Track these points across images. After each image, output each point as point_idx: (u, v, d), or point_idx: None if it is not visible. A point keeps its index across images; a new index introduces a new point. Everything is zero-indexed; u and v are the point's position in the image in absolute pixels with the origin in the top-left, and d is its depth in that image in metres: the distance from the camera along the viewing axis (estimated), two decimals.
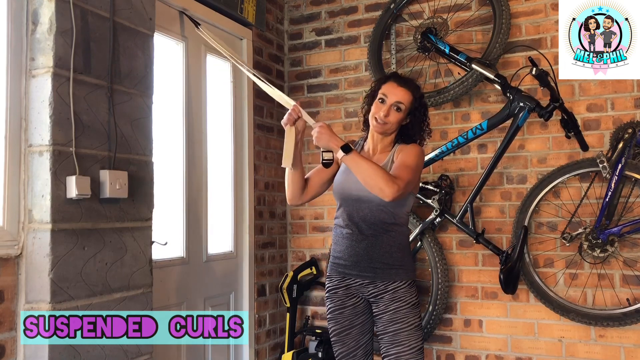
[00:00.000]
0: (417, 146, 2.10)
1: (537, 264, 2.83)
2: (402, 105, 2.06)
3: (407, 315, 2.01)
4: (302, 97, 3.46)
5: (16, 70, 1.80)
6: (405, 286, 2.04)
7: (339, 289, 2.12)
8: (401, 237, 2.09)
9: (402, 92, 2.07)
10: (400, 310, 2.02)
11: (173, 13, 2.64)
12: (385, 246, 2.05)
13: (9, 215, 1.77)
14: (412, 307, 2.03)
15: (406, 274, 2.06)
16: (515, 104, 2.64)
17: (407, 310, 2.02)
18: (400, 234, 2.09)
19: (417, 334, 2.01)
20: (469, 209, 2.79)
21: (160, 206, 2.29)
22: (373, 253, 2.05)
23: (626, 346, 2.66)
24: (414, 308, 2.03)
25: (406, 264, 2.08)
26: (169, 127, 2.59)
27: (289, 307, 3.19)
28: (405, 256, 2.09)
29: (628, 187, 2.65)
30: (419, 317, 2.05)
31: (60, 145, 1.78)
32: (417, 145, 2.11)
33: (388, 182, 1.89)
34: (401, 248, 2.08)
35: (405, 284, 2.05)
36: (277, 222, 3.36)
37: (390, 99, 2.06)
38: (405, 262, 2.08)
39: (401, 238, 2.09)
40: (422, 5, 3.17)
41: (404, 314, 2.01)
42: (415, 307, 2.04)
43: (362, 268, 2.06)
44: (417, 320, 2.03)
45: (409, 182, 1.96)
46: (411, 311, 2.02)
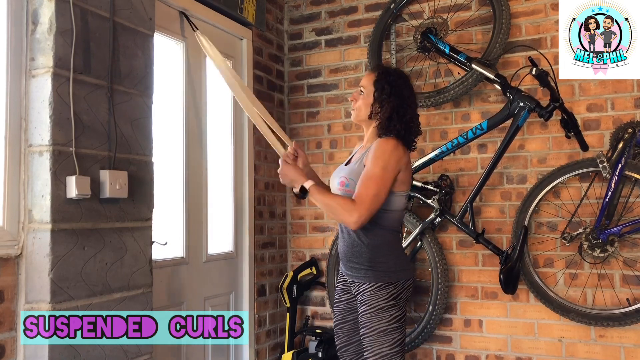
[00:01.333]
0: (382, 142, 1.96)
1: (537, 264, 2.83)
2: (363, 88, 2.06)
3: (370, 320, 1.92)
4: (302, 97, 3.46)
5: (16, 70, 1.80)
6: (372, 289, 1.95)
7: (339, 283, 2.17)
8: (374, 237, 1.98)
9: (366, 76, 2.10)
10: (364, 315, 1.95)
11: (173, 13, 2.64)
12: (356, 246, 2.01)
13: (9, 215, 1.77)
14: (377, 311, 1.92)
15: (375, 277, 1.96)
16: (515, 104, 2.64)
17: (370, 315, 1.93)
18: (374, 234, 1.98)
19: (382, 340, 1.90)
20: (469, 209, 2.79)
21: (160, 206, 2.29)
22: (347, 252, 2.05)
23: (626, 346, 2.66)
24: (381, 312, 1.91)
25: (376, 265, 1.97)
26: (169, 127, 2.59)
27: (289, 307, 3.19)
28: (377, 257, 1.98)
29: (628, 187, 2.65)
30: (390, 322, 1.91)
31: (60, 145, 1.78)
32: (382, 142, 1.96)
33: (346, 213, 1.88)
34: (372, 248, 1.98)
35: (372, 286, 1.95)
36: (277, 222, 3.36)
37: (359, 86, 2.11)
38: (375, 264, 1.97)
39: (374, 238, 1.98)
40: (422, 5, 3.16)
41: (368, 318, 1.93)
42: (383, 310, 1.92)
43: (345, 266, 2.08)
44: (385, 324, 1.91)
45: (374, 197, 1.88)
46: (376, 315, 1.92)
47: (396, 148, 1.95)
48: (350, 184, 1.99)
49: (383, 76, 2.04)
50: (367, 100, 2.05)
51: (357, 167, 2.01)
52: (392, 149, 1.94)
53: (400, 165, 1.95)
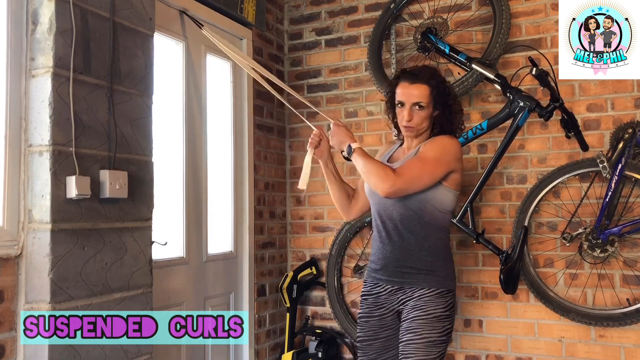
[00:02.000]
0: (445, 137, 1.97)
1: (537, 264, 2.83)
2: (422, 103, 1.96)
3: (422, 327, 1.84)
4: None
5: (16, 70, 1.80)
6: (431, 295, 1.88)
7: (370, 296, 2.04)
8: (433, 240, 1.94)
9: (416, 90, 1.96)
10: (417, 320, 1.86)
11: (173, 13, 2.64)
12: (414, 248, 1.93)
13: (9, 215, 1.77)
14: (432, 319, 1.84)
15: (436, 282, 1.89)
16: (515, 104, 2.63)
17: (424, 322, 1.84)
18: (432, 236, 1.94)
19: (429, 350, 1.81)
20: (469, 209, 2.79)
21: (160, 206, 2.29)
22: (400, 256, 1.95)
23: (626, 346, 2.66)
24: (436, 321, 1.84)
25: (437, 270, 1.91)
26: (169, 127, 2.59)
27: (289, 307, 3.19)
28: (437, 261, 1.93)
29: (628, 187, 2.65)
30: (441, 333, 1.84)
31: (60, 145, 1.78)
32: (446, 137, 1.97)
33: (382, 178, 1.84)
34: (432, 252, 1.93)
35: (432, 292, 1.88)
36: (277, 222, 3.36)
37: (407, 101, 1.97)
38: (436, 268, 1.91)
39: (433, 240, 1.94)
40: (422, 5, 3.16)
41: (420, 324, 1.84)
42: (438, 320, 1.84)
43: (390, 272, 1.97)
44: (436, 335, 1.83)
45: (416, 176, 1.86)
46: (429, 323, 1.84)
47: (458, 146, 1.96)
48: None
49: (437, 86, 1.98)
50: (428, 113, 1.98)
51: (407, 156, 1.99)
52: (454, 144, 1.95)
53: (457, 162, 1.93)
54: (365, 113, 3.29)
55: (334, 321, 3.22)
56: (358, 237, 3.20)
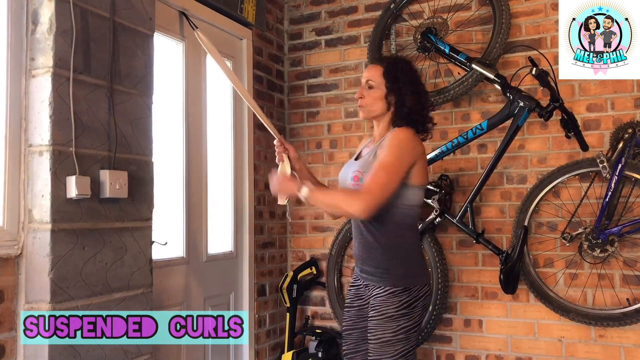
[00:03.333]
0: (399, 131, 1.90)
1: (537, 264, 2.83)
2: (372, 82, 1.97)
3: (376, 327, 1.83)
4: (302, 97, 3.46)
5: (16, 70, 1.80)
6: (384, 295, 1.85)
7: (353, 287, 2.06)
8: (391, 237, 1.89)
9: (370, 70, 2.00)
10: (372, 321, 1.86)
11: (173, 13, 2.64)
12: (372, 245, 1.92)
13: (9, 215, 1.77)
14: (385, 320, 1.82)
15: (389, 281, 1.86)
16: (515, 104, 2.63)
17: (377, 322, 1.83)
18: (389, 234, 1.90)
19: (384, 350, 1.81)
20: (469, 209, 2.79)
21: (160, 206, 2.29)
22: (362, 253, 1.96)
23: (626, 346, 2.66)
24: (388, 321, 1.81)
25: (392, 268, 1.88)
26: (169, 127, 2.59)
27: (289, 307, 3.19)
28: (392, 259, 1.88)
29: (628, 187, 2.64)
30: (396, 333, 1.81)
31: (60, 145, 1.78)
32: (399, 130, 1.90)
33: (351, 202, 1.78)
34: (387, 250, 1.89)
35: (385, 292, 1.85)
36: (277, 222, 3.36)
37: (363, 81, 2.02)
38: (390, 267, 1.88)
39: (391, 238, 1.89)
40: (422, 5, 3.16)
41: (374, 325, 1.84)
42: (391, 320, 1.81)
43: (360, 268, 2.00)
44: (390, 335, 1.81)
45: (384, 185, 1.79)
46: (383, 324, 1.82)
47: (412, 138, 1.89)
48: (364, 177, 1.90)
49: (392, 66, 1.97)
50: (379, 94, 1.96)
51: (371, 160, 1.92)
52: (408, 138, 1.88)
53: (415, 155, 1.87)
54: None
55: (334, 321, 3.23)
56: None
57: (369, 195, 1.78)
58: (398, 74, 1.95)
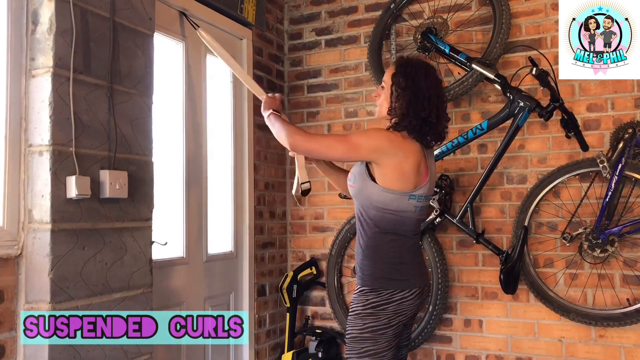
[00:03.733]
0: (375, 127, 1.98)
1: (537, 264, 2.83)
2: (384, 83, 1.99)
3: (348, 324, 1.88)
4: (302, 97, 3.46)
5: (16, 70, 1.80)
6: (357, 292, 1.90)
7: None
8: (369, 239, 1.91)
9: (387, 71, 2.01)
10: (348, 317, 1.91)
11: (173, 13, 2.64)
12: (359, 245, 1.96)
13: (9, 215, 1.77)
14: (354, 316, 1.86)
15: (360, 280, 1.92)
16: (515, 104, 2.63)
17: (350, 318, 1.88)
18: (368, 234, 1.91)
19: (352, 346, 1.85)
20: (469, 209, 2.79)
21: (160, 206, 2.29)
22: (356, 250, 2.00)
23: (626, 346, 2.66)
24: (356, 317, 1.85)
25: (364, 267, 1.91)
26: (169, 127, 2.59)
27: (289, 307, 3.19)
28: (365, 259, 1.91)
29: (628, 187, 2.64)
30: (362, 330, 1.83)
31: (60, 145, 1.78)
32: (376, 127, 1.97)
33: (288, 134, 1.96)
34: (363, 249, 1.92)
35: (357, 290, 1.91)
36: (277, 222, 3.36)
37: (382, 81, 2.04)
38: (363, 266, 1.92)
39: (369, 240, 1.91)
40: (422, 5, 3.16)
41: (347, 321, 1.90)
42: (358, 317, 1.85)
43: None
44: (357, 331, 1.84)
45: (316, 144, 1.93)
46: (352, 320, 1.86)
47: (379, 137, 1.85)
48: (351, 178, 1.97)
49: (401, 68, 1.94)
50: (386, 93, 1.96)
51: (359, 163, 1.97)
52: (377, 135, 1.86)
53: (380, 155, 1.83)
54: (365, 113, 3.29)
55: (334, 321, 3.23)
56: None
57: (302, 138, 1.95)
58: (402, 78, 1.91)
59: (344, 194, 2.42)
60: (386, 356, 1.84)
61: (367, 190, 1.88)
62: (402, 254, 1.91)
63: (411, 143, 1.88)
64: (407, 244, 1.93)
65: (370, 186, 1.88)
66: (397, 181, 1.85)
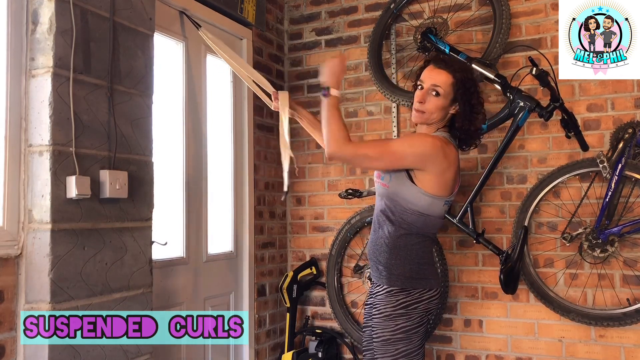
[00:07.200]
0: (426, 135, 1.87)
1: (537, 264, 2.83)
2: (439, 89, 1.87)
3: (377, 326, 1.86)
4: (302, 97, 3.46)
5: (16, 70, 1.80)
6: (383, 293, 1.88)
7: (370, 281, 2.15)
8: (398, 238, 1.90)
9: (438, 75, 1.89)
10: (374, 319, 1.89)
11: (173, 13, 2.64)
12: (381, 242, 1.93)
13: (9, 215, 1.77)
14: (384, 318, 1.85)
15: (388, 280, 1.89)
16: (515, 104, 2.63)
17: (378, 321, 1.86)
18: (397, 234, 1.90)
19: (385, 349, 1.83)
20: (469, 209, 2.79)
21: (160, 206, 2.29)
22: (373, 248, 1.99)
23: (626, 346, 2.66)
24: (387, 319, 1.84)
25: (391, 267, 1.89)
26: (169, 127, 2.59)
27: (289, 307, 3.19)
28: (394, 259, 1.89)
29: (628, 187, 2.64)
30: (395, 331, 1.83)
31: (60, 145, 1.78)
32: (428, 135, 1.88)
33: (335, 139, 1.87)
34: (391, 249, 1.90)
35: (384, 290, 1.88)
36: (277, 222, 3.36)
37: (427, 82, 1.90)
38: (390, 266, 1.89)
39: (398, 239, 1.90)
40: (422, 5, 3.16)
41: (376, 323, 1.87)
42: (389, 319, 1.83)
43: (370, 264, 2.02)
44: (389, 333, 1.83)
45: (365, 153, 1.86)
46: (382, 322, 1.85)
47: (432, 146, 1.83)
48: (384, 177, 1.93)
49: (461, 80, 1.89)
50: (443, 103, 1.89)
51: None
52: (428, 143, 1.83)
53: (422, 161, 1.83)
54: (365, 113, 3.29)
55: (334, 321, 3.22)
56: (358, 237, 3.20)
57: (348, 149, 1.86)
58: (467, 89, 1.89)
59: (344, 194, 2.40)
60: (419, 354, 1.87)
61: (405, 191, 1.88)
62: (427, 254, 1.97)
63: (453, 150, 1.91)
64: (431, 245, 1.99)
65: (409, 187, 1.87)
66: (438, 187, 1.87)
